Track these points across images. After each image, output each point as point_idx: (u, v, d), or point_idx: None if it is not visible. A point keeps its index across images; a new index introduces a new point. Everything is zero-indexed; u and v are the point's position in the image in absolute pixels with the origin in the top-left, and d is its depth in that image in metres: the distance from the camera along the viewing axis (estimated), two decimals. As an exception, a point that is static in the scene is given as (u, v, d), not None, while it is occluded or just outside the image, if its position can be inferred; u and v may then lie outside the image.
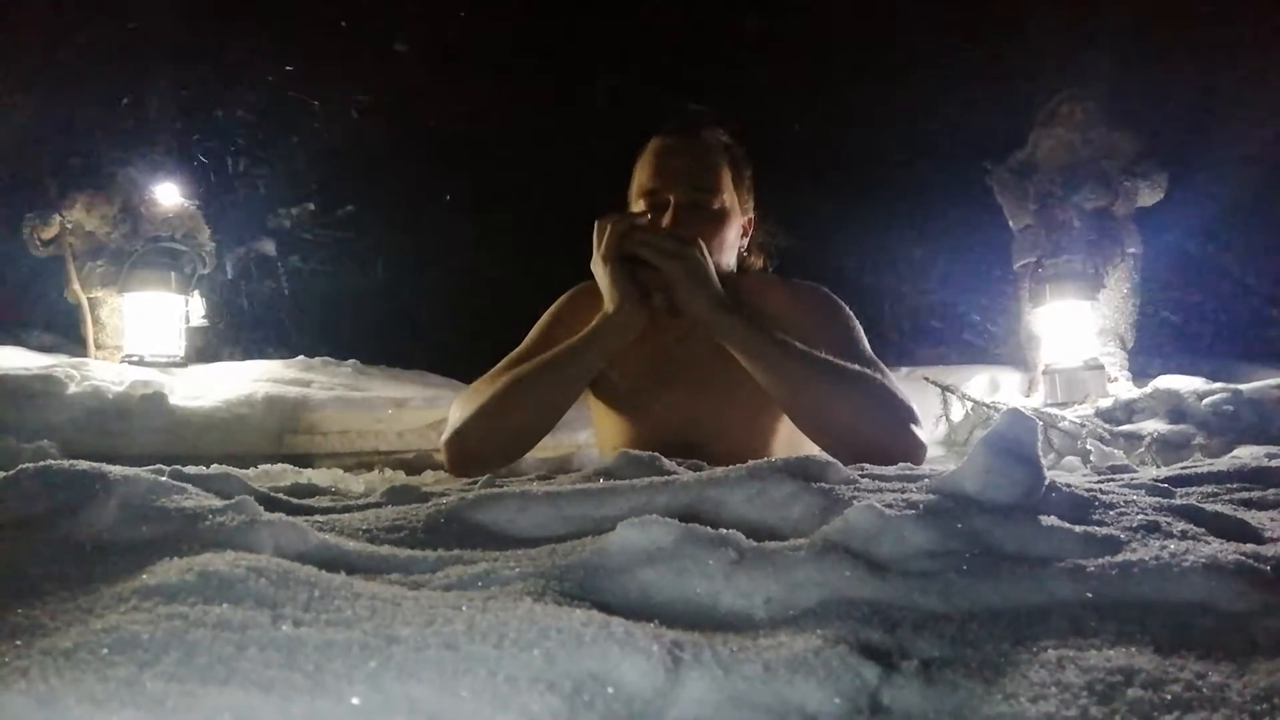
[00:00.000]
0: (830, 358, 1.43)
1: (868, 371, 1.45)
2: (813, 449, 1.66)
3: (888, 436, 1.38)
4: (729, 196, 1.65)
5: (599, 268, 1.50)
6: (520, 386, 1.46)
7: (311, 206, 5.57)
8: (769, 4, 5.41)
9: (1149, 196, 4.14)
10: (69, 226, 3.91)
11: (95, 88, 4.10)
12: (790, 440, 1.62)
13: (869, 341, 1.63)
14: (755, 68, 5.40)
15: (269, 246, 5.38)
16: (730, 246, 1.66)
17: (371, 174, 5.65)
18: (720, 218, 1.62)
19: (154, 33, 4.25)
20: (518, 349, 1.65)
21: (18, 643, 0.44)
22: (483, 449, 1.46)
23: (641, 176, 1.66)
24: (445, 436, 1.50)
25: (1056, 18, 4.44)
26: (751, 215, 1.77)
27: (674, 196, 1.58)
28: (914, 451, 1.38)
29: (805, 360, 1.41)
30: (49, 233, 3.91)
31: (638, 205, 1.64)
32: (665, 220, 1.56)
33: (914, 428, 1.42)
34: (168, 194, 4.02)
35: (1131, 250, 4.16)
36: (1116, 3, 4.33)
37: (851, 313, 1.66)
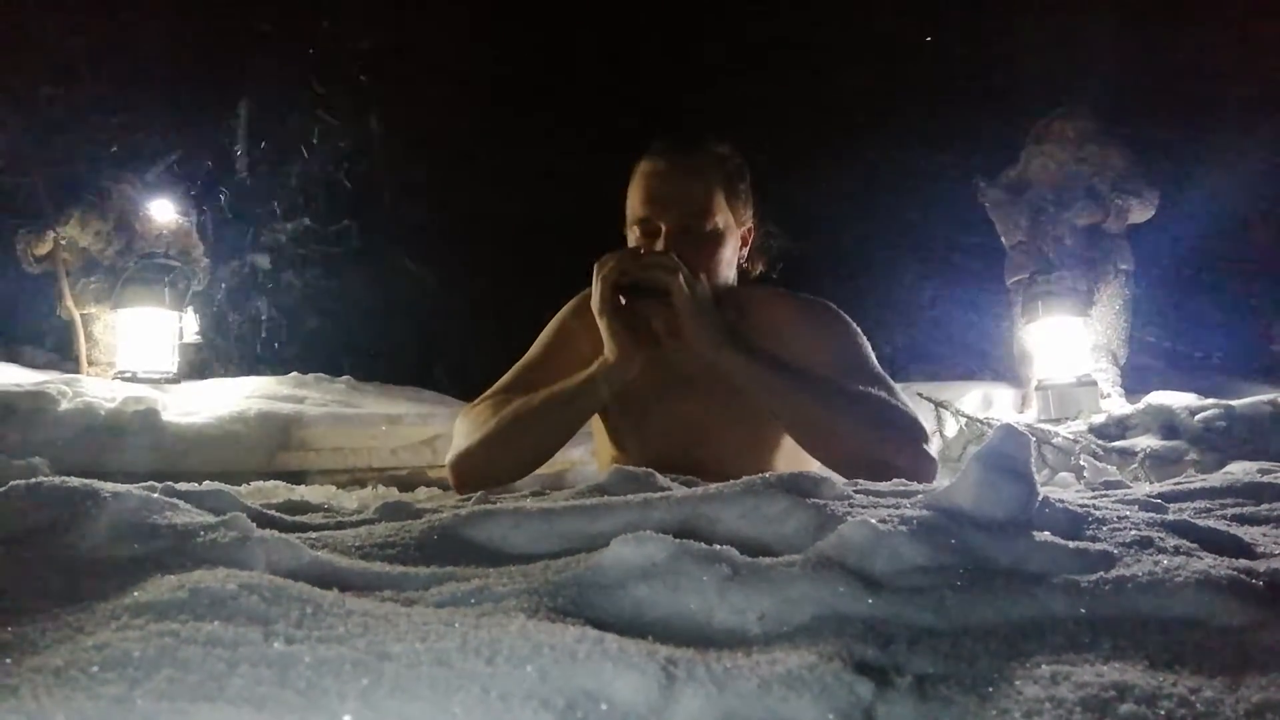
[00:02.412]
0: (836, 380, 1.43)
1: (875, 391, 1.45)
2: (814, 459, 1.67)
3: (897, 456, 1.38)
4: (723, 216, 1.61)
5: (597, 315, 1.51)
6: (522, 423, 1.51)
7: (308, 221, 5.57)
8: (764, 20, 5.46)
9: (1141, 213, 4.16)
10: (62, 242, 3.90)
11: (89, 103, 4.10)
12: (792, 450, 1.62)
13: None
14: (749, 84, 5.44)
15: (264, 261, 5.38)
16: (728, 264, 1.65)
17: (367, 189, 5.66)
18: (715, 239, 1.60)
19: (149, 48, 4.26)
20: (521, 361, 1.69)
21: (7, 660, 0.43)
22: (487, 474, 1.52)
23: (633, 203, 1.64)
24: (451, 458, 1.57)
25: (1049, 36, 4.48)
26: (750, 225, 1.73)
27: (665, 224, 1.57)
28: (924, 468, 1.38)
29: (811, 387, 1.42)
30: (42, 249, 3.90)
31: (631, 233, 1.64)
32: (659, 248, 1.55)
33: (924, 445, 1.43)
34: (162, 210, 4.03)
35: (1124, 266, 4.19)
36: (1108, 20, 4.37)
37: (858, 328, 1.65)
